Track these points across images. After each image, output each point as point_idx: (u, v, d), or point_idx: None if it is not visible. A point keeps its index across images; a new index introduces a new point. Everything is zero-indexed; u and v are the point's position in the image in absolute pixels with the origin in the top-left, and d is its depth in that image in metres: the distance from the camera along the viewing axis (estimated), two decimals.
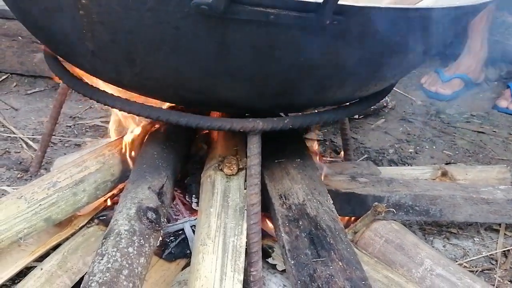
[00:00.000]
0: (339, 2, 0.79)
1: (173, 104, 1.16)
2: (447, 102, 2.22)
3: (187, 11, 0.81)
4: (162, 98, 1.06)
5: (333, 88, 0.99)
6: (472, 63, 2.33)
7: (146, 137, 1.21)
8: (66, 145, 1.70)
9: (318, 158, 1.39)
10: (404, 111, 2.13)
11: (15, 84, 2.05)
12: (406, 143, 1.87)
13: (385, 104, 2.05)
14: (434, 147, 1.87)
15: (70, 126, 1.81)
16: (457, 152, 1.85)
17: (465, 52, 2.33)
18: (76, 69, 1.14)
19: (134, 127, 1.24)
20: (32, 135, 1.73)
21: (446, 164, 1.73)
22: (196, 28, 0.83)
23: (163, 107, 1.10)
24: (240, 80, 0.92)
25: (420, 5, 1.09)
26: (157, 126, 1.23)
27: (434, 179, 1.53)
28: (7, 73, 2.09)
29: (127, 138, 1.22)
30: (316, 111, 1.09)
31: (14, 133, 1.72)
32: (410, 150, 1.82)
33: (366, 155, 1.77)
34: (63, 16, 0.92)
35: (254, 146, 1.02)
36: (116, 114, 1.31)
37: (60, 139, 1.72)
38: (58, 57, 1.17)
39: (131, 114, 1.07)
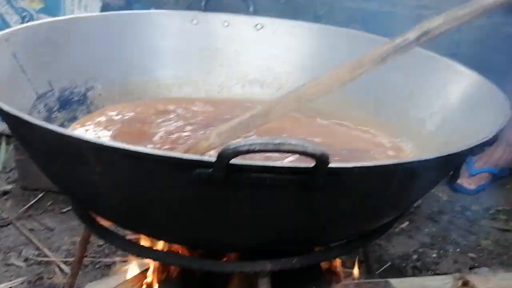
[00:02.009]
0: (330, 166, 0.85)
1: None
2: (472, 196, 2.23)
3: (190, 179, 0.88)
4: (174, 244, 1.12)
5: (334, 233, 1.03)
6: (503, 155, 2.31)
7: (160, 280, 1.27)
8: (96, 266, 1.77)
9: (335, 278, 1.42)
10: (430, 209, 2.14)
11: (50, 202, 2.14)
12: (430, 247, 1.88)
13: None
14: (458, 250, 1.87)
15: (101, 245, 1.87)
16: (481, 254, 1.85)
17: (499, 142, 2.28)
18: None
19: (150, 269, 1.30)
20: (65, 257, 1.80)
21: (470, 268, 1.74)
22: (200, 192, 0.90)
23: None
24: (244, 232, 0.98)
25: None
26: (171, 268, 1.29)
27: None
28: (43, 191, 2.19)
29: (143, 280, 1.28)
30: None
31: (47, 256, 1.80)
32: (434, 255, 1.83)
33: (389, 263, 1.78)
34: (81, 179, 1.00)
35: (264, 287, 1.07)
36: None
37: (91, 260, 1.79)
38: None
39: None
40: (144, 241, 1.17)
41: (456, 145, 1.21)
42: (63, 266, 1.75)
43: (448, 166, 1.03)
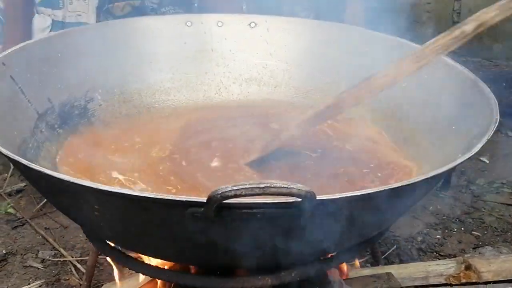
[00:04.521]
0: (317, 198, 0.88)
1: None
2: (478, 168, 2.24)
3: (184, 216, 0.91)
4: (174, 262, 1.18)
5: (328, 247, 1.07)
6: None
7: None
8: None
9: (341, 273, 1.46)
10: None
11: None
12: (434, 228, 1.91)
13: None
14: (462, 228, 1.90)
15: None
16: (485, 232, 1.88)
17: None
18: None
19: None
20: (80, 256, 1.86)
21: (474, 248, 1.77)
22: (194, 226, 0.93)
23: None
24: (238, 255, 1.01)
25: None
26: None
27: (458, 274, 1.58)
28: None
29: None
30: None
31: (63, 256, 1.86)
32: (438, 236, 1.86)
33: (395, 246, 1.82)
34: (86, 215, 1.04)
35: None
36: None
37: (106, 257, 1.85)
38: None
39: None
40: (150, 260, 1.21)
41: (448, 145, 1.25)
42: (78, 265, 1.81)
43: (433, 183, 1.05)
